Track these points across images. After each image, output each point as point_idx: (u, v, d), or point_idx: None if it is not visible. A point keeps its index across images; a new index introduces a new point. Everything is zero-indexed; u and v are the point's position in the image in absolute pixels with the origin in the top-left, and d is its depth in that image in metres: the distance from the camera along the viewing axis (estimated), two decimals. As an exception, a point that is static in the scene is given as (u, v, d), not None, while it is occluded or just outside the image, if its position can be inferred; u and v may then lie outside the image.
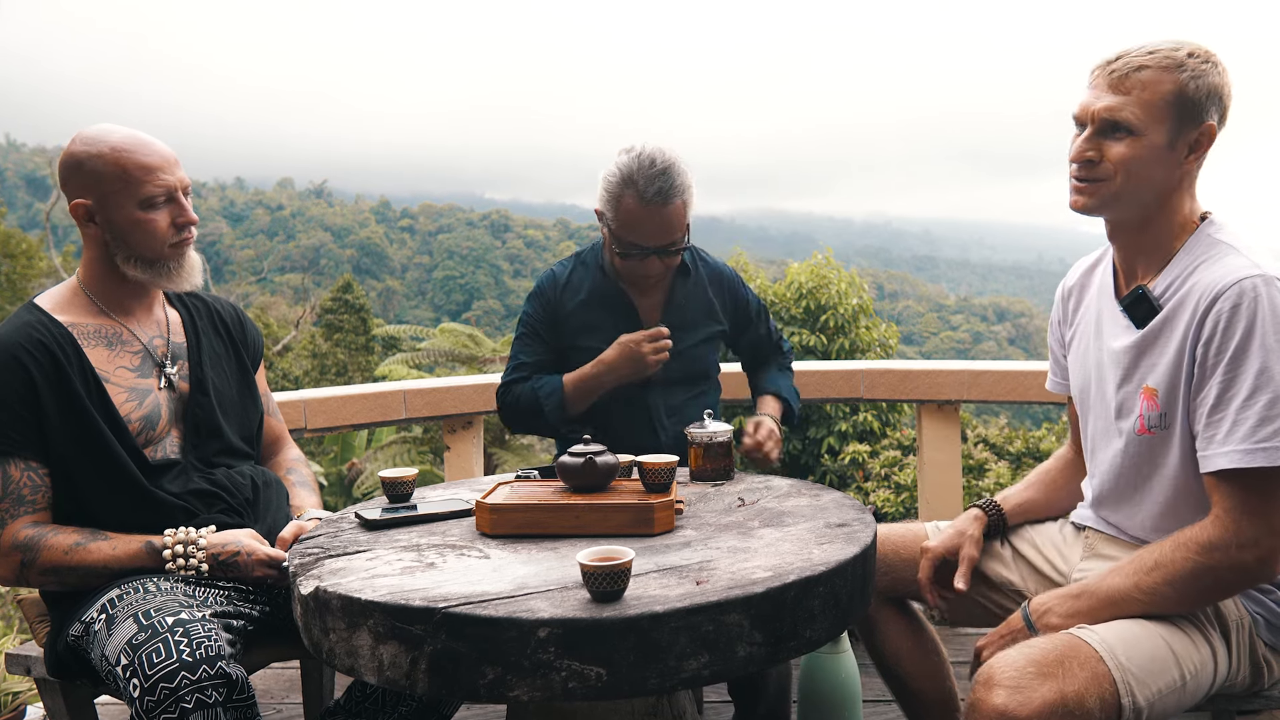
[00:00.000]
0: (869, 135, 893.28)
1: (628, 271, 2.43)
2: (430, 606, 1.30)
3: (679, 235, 2.35)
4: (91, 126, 1.86)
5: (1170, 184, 1.60)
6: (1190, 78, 1.55)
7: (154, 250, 1.86)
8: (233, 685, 1.54)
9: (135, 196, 1.83)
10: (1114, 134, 1.59)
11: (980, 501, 1.99)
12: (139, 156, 1.83)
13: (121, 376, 1.87)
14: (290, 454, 2.28)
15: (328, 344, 27.10)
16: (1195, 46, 1.58)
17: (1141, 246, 1.67)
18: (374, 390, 3.40)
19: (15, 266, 25.57)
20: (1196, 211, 1.65)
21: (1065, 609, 1.59)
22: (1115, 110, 1.57)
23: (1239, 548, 1.49)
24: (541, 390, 2.44)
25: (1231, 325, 1.49)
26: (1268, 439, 1.46)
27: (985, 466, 8.19)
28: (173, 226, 1.87)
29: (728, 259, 11.99)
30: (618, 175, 2.30)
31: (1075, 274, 1.89)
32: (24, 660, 1.91)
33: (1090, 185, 1.62)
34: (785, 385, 2.69)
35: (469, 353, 16.74)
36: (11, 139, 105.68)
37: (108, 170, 1.81)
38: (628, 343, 2.37)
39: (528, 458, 14.41)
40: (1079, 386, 1.83)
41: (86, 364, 1.82)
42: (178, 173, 1.88)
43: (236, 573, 1.83)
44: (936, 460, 3.49)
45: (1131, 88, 1.56)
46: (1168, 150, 1.57)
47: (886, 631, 1.99)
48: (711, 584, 1.36)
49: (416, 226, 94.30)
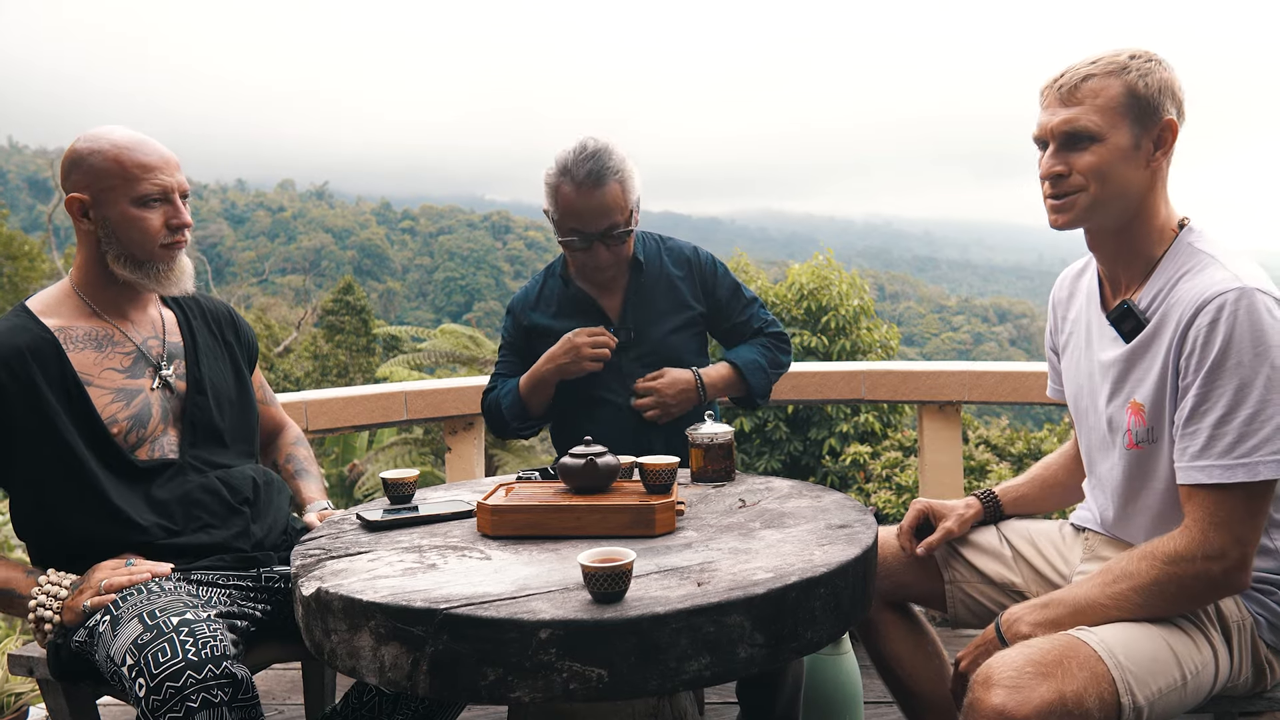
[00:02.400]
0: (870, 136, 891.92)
1: (580, 267, 2.46)
2: (432, 608, 1.30)
3: (619, 219, 2.35)
4: (97, 126, 1.87)
5: (1143, 185, 1.61)
6: (1138, 76, 1.57)
7: (144, 249, 1.86)
8: (238, 685, 1.55)
9: (129, 193, 1.83)
10: (1077, 145, 1.60)
11: (978, 492, 2.01)
12: (137, 154, 1.84)
13: (108, 378, 1.87)
14: (289, 435, 2.31)
15: (329, 345, 27.11)
16: (1136, 49, 1.61)
17: (1121, 255, 1.68)
18: (375, 391, 3.41)
19: (17, 268, 25.59)
20: (1173, 217, 1.65)
21: (1033, 618, 1.60)
22: (1073, 121, 1.59)
23: (1205, 559, 1.50)
24: (502, 393, 2.54)
25: (1210, 340, 1.50)
26: (1244, 455, 1.48)
27: (987, 468, 8.19)
28: (165, 227, 1.87)
29: (728, 260, 11.95)
30: (554, 166, 2.37)
31: (1064, 282, 1.90)
32: (27, 661, 1.91)
33: (1066, 200, 1.63)
34: (747, 356, 2.56)
35: (470, 354, 16.74)
36: (14, 141, 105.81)
37: (105, 166, 1.82)
38: (568, 335, 2.41)
39: (529, 459, 14.41)
40: (1073, 395, 1.84)
41: (68, 368, 1.82)
42: (176, 175, 1.89)
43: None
44: (938, 461, 3.49)
45: (1084, 97, 1.59)
46: (1133, 150, 1.59)
47: (887, 634, 1.99)
48: (713, 585, 1.36)
49: (417, 228, 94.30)
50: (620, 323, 2.50)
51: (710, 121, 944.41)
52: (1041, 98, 1.66)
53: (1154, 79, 1.58)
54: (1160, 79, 1.58)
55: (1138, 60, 1.59)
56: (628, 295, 2.51)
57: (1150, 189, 1.62)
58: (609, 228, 2.35)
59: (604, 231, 2.35)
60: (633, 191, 2.38)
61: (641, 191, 2.45)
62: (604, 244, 2.36)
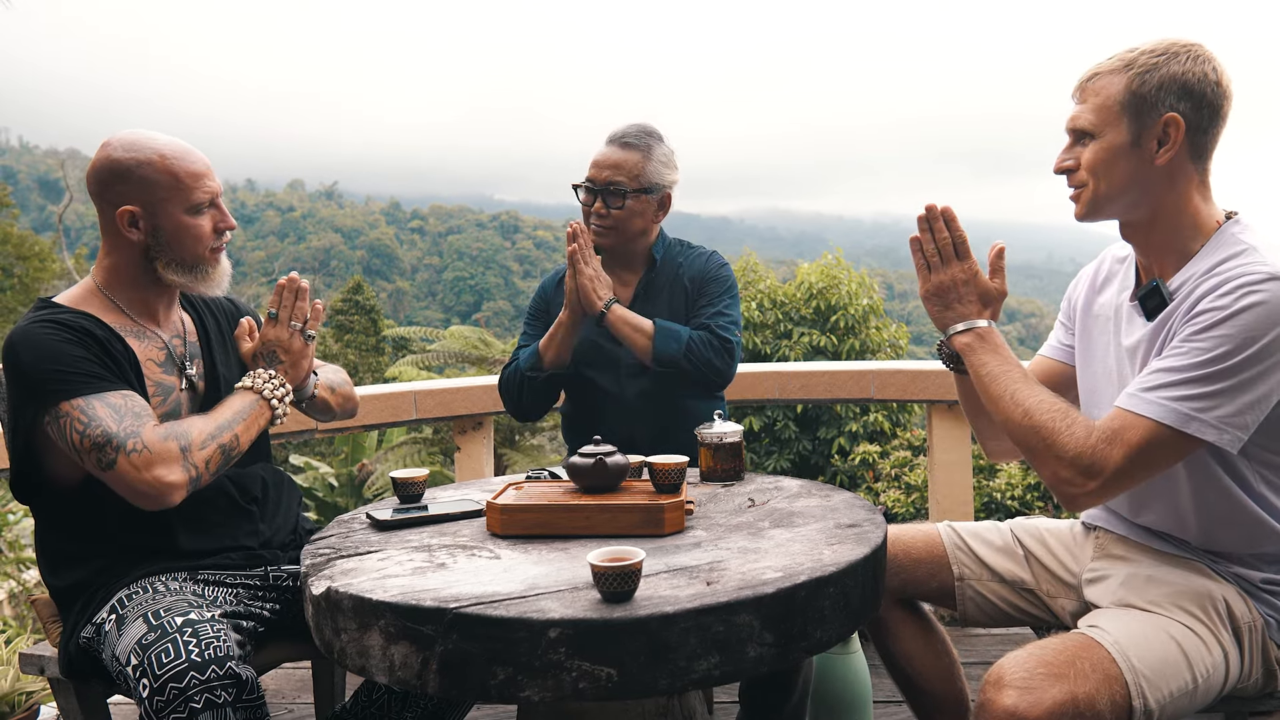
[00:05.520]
0: (878, 135, 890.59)
1: (584, 216, 2.53)
2: (441, 607, 1.30)
3: (624, 181, 2.45)
4: (124, 133, 1.87)
5: (1155, 180, 1.60)
6: (1138, 74, 1.58)
7: (196, 254, 1.88)
8: (242, 685, 1.55)
9: (185, 202, 1.85)
10: (1081, 141, 1.64)
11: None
12: (187, 164, 1.86)
13: (150, 370, 1.88)
14: None
15: (338, 345, 27.17)
16: (1158, 43, 1.60)
17: (1153, 246, 1.66)
18: (384, 391, 3.42)
19: (28, 269, 25.71)
20: (1216, 213, 1.64)
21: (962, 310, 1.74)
22: (1076, 119, 1.64)
23: (1073, 461, 1.51)
24: (521, 355, 2.59)
25: (1218, 306, 1.49)
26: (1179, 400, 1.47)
27: (996, 467, 8.16)
28: (214, 231, 1.90)
29: (737, 259, 11.93)
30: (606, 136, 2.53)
31: (1094, 272, 1.88)
32: (38, 660, 1.92)
33: (1075, 193, 1.67)
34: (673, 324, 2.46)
35: (479, 354, 16.76)
36: (25, 141, 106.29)
37: (159, 178, 1.83)
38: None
39: (538, 458, 14.41)
40: (1089, 385, 1.83)
41: (129, 348, 1.83)
42: (215, 179, 1.92)
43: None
44: (947, 460, 3.48)
45: (1089, 95, 1.63)
46: (1132, 147, 1.59)
47: (897, 633, 1.99)
48: (722, 584, 1.36)
49: (426, 228, 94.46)
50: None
51: (719, 121, 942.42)
52: None
53: (1157, 75, 1.57)
54: (1166, 75, 1.56)
55: (1147, 56, 1.58)
56: (638, 290, 2.57)
57: (1169, 185, 1.60)
58: (611, 184, 2.45)
59: (605, 185, 2.46)
60: (653, 172, 2.48)
61: (674, 190, 2.54)
62: (603, 199, 2.47)
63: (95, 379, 1.72)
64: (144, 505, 1.70)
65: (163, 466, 1.68)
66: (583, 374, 2.55)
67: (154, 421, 1.74)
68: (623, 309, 2.44)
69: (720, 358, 2.44)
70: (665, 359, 2.40)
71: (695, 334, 2.45)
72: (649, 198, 2.48)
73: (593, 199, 2.49)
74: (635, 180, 2.45)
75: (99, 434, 1.67)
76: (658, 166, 2.48)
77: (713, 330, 2.46)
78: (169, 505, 1.71)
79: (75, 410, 1.68)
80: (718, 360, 2.43)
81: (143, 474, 1.67)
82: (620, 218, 2.47)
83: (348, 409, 2.24)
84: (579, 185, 2.52)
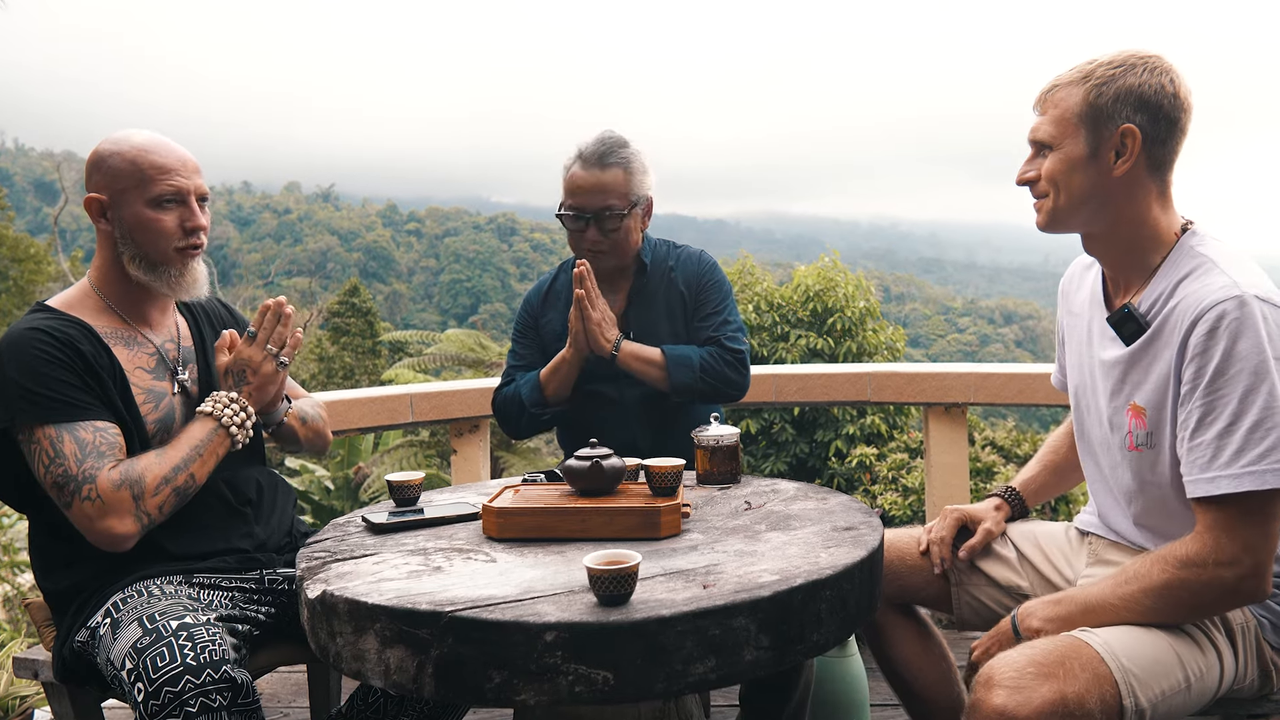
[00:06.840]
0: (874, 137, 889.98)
1: (575, 245, 2.49)
2: (437, 610, 1.30)
3: (615, 203, 2.39)
4: (123, 129, 1.89)
5: (1114, 192, 1.61)
6: (1094, 85, 1.59)
7: (159, 251, 1.86)
8: (237, 689, 1.54)
9: (145, 194, 1.84)
10: (1042, 153, 1.66)
11: (999, 490, 2.00)
12: (155, 156, 1.85)
13: (139, 377, 1.87)
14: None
15: (334, 347, 27.14)
16: (1117, 55, 1.61)
17: (1116, 259, 1.68)
18: (381, 394, 3.41)
19: (24, 271, 25.68)
20: (1175, 222, 1.65)
21: (1046, 613, 1.62)
22: (1036, 130, 1.66)
23: (1216, 565, 1.50)
24: (521, 382, 2.53)
25: (1209, 350, 1.50)
26: (1250, 464, 1.47)
27: (993, 469, 8.16)
28: (180, 229, 1.87)
29: (734, 262, 11.89)
30: (572, 152, 2.45)
31: (1074, 274, 1.90)
32: (32, 664, 1.91)
33: (1037, 203, 1.69)
34: (681, 349, 2.43)
35: (475, 356, 16.76)
36: (20, 143, 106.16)
37: (124, 167, 1.83)
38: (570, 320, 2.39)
39: (534, 461, 14.41)
40: (1075, 387, 1.84)
41: (114, 359, 1.82)
42: (194, 178, 1.89)
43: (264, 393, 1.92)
44: (944, 463, 3.48)
45: (1049, 106, 1.64)
46: (1090, 159, 1.60)
47: (893, 637, 1.99)
48: (718, 588, 1.36)
49: (423, 230, 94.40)
50: (622, 321, 2.51)
51: (716, 123, 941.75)
52: None
53: (1114, 87, 1.57)
54: (1123, 87, 1.57)
55: (1105, 68, 1.59)
56: (630, 295, 2.54)
57: (1128, 196, 1.61)
58: (603, 209, 2.39)
59: (597, 212, 2.39)
60: (637, 184, 2.42)
61: (654, 193, 2.48)
62: (597, 225, 2.41)
63: (70, 406, 1.73)
64: (98, 546, 1.72)
65: (114, 517, 1.70)
66: (582, 380, 2.53)
67: (114, 461, 1.73)
68: (630, 345, 2.41)
69: (735, 371, 2.45)
70: (682, 389, 2.41)
71: (704, 352, 2.44)
72: (637, 211, 2.45)
73: (583, 225, 2.41)
74: (625, 199, 2.40)
75: (60, 474, 1.69)
76: (639, 177, 2.43)
77: (722, 344, 2.46)
78: (121, 550, 1.73)
79: (45, 440, 1.71)
80: (733, 374, 2.44)
81: (95, 523, 1.69)
82: (618, 239, 2.43)
83: (316, 445, 2.17)
84: (564, 214, 2.43)
